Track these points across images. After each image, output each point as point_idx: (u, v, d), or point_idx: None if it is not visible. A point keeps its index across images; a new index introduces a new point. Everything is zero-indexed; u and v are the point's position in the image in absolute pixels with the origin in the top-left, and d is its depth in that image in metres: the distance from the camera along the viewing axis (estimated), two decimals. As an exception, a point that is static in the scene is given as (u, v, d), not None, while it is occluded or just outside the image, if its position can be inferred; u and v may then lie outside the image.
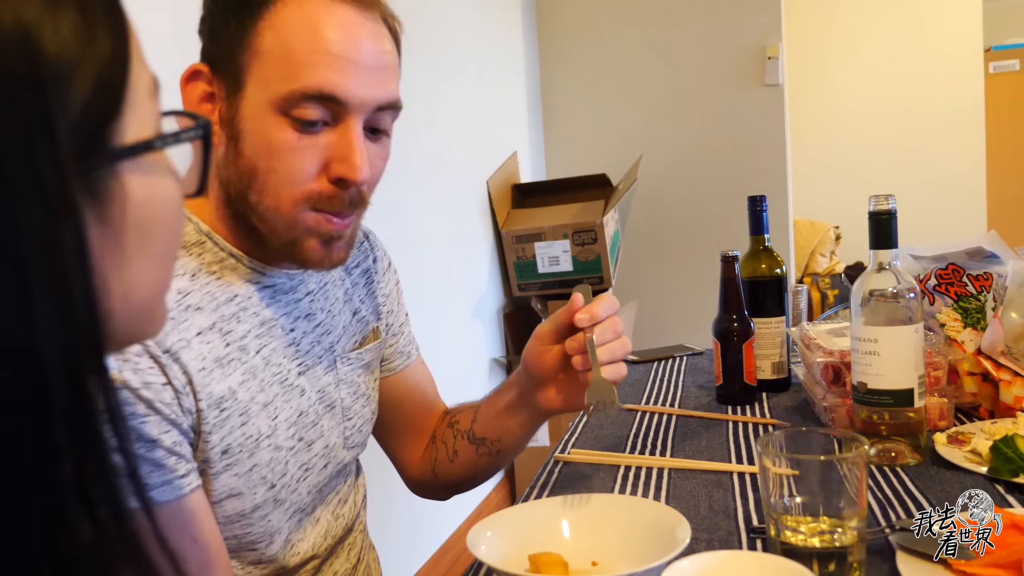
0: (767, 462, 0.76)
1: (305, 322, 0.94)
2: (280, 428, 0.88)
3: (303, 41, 0.79)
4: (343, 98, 0.79)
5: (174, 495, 0.77)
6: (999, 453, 0.95)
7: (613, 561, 0.80)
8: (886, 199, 1.02)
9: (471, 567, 0.87)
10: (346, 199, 0.83)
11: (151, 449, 0.76)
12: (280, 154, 0.80)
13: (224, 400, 0.82)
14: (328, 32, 0.79)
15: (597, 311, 0.94)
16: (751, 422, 1.28)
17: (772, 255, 1.46)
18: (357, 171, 0.81)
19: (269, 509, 0.87)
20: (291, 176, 0.81)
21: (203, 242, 0.86)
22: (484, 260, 3.08)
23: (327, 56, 0.79)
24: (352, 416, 1.00)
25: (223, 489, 0.83)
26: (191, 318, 0.82)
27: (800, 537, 0.74)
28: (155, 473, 0.76)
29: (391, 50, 0.85)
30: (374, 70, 0.82)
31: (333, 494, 1.01)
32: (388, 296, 1.09)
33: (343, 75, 0.79)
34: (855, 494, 0.73)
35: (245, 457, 0.84)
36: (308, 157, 0.81)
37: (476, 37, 3.04)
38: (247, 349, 0.86)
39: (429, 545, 2.49)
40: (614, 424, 1.33)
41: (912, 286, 1.02)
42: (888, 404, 1.01)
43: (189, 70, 0.84)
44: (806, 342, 1.30)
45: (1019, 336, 1.16)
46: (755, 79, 3.41)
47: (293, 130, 0.80)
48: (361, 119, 0.82)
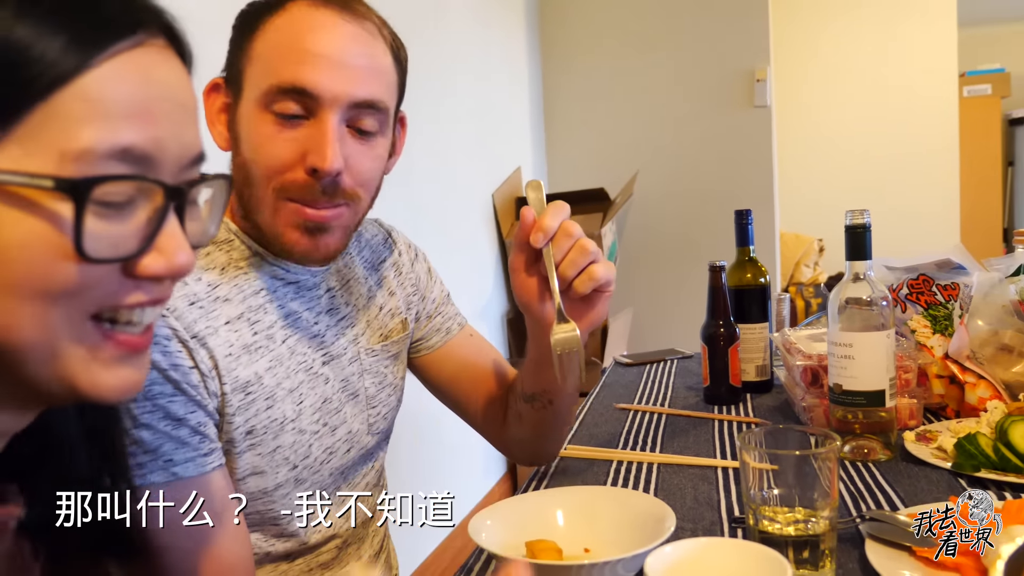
0: (747, 457, 0.77)
1: (328, 316, 0.95)
2: (305, 413, 0.88)
3: (284, 42, 0.81)
4: (315, 92, 0.80)
5: (197, 471, 0.77)
6: (963, 450, 0.96)
7: (604, 548, 0.80)
8: (861, 214, 1.03)
9: (473, 553, 0.88)
10: (318, 188, 0.82)
11: (176, 427, 0.76)
12: (262, 146, 0.81)
13: (250, 384, 0.83)
14: (307, 33, 0.81)
15: (547, 223, 0.86)
16: (736, 421, 1.29)
17: (757, 265, 1.46)
18: (327, 161, 0.80)
19: (290, 488, 0.88)
20: (270, 166, 0.82)
21: (231, 240, 0.87)
22: (489, 268, 3.09)
23: (302, 53, 0.80)
24: (376, 404, 1.00)
25: (246, 467, 0.84)
26: (220, 308, 0.83)
27: (777, 526, 0.74)
28: (180, 450, 0.76)
29: (373, 54, 0.84)
30: (349, 68, 0.82)
31: (360, 478, 1.00)
32: (417, 285, 1.08)
33: (315, 70, 0.80)
34: (828, 486, 0.73)
35: (269, 439, 0.85)
36: (286, 148, 0.81)
37: (482, 59, 3.05)
38: (274, 338, 0.87)
39: (436, 534, 2.50)
40: (608, 422, 1.34)
41: (885, 295, 1.02)
42: (861, 404, 1.02)
43: (209, 84, 0.86)
44: (787, 346, 1.30)
45: (984, 342, 1.17)
46: (744, 101, 3.42)
47: (274, 124, 0.81)
48: (336, 114, 0.81)
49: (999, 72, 5.69)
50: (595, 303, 0.92)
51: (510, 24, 3.37)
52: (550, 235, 0.86)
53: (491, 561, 0.85)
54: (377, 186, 0.90)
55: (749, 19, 3.38)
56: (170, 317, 0.78)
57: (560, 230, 0.87)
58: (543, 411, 1.02)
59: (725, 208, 3.17)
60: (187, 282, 0.81)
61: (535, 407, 1.02)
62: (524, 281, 0.91)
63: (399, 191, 2.21)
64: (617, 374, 1.71)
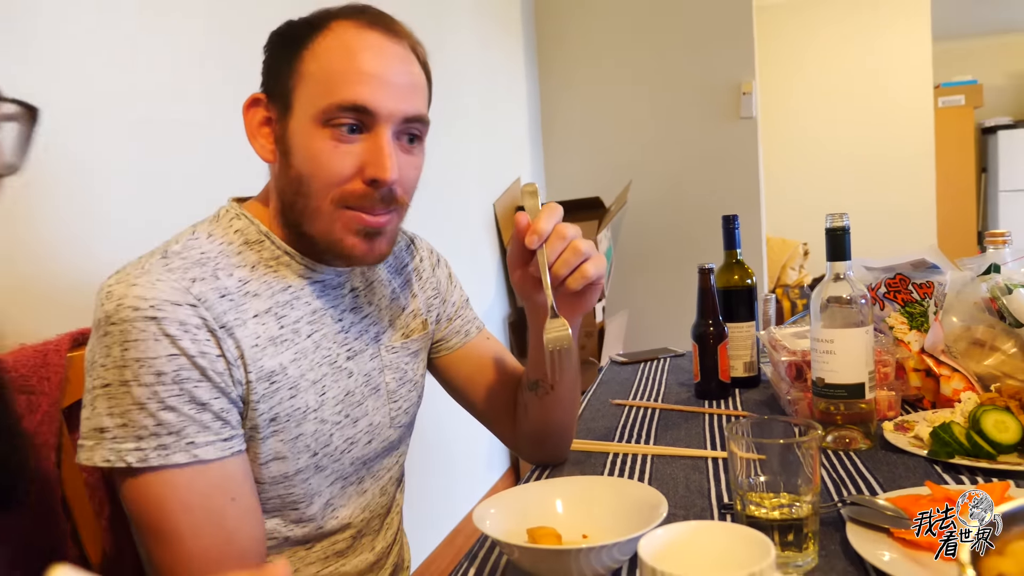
0: (735, 447, 0.77)
1: (352, 314, 0.95)
2: (327, 404, 0.89)
3: (339, 63, 0.82)
4: (373, 109, 0.82)
5: (217, 455, 0.77)
6: (938, 438, 0.97)
7: (602, 534, 0.81)
8: (840, 217, 1.04)
9: (478, 540, 0.88)
10: (376, 197, 0.84)
11: (200, 411, 0.77)
12: (320, 160, 0.83)
13: (275, 374, 0.84)
14: (361, 54, 0.82)
15: (541, 226, 0.87)
16: (725, 414, 1.30)
17: (744, 268, 1.47)
18: (386, 171, 0.82)
19: (310, 474, 0.88)
20: (330, 178, 0.83)
21: (262, 240, 0.88)
22: (491, 274, 3.10)
23: (359, 74, 0.82)
24: (397, 399, 1.00)
25: (269, 452, 0.84)
26: (249, 302, 0.84)
27: (763, 511, 0.75)
28: (202, 433, 0.76)
29: (417, 72, 0.88)
30: (401, 86, 0.84)
31: (384, 471, 1.00)
32: (438, 289, 1.09)
33: (372, 89, 0.82)
34: (810, 473, 0.74)
35: (292, 426, 0.85)
36: (345, 161, 0.83)
37: (483, 78, 3.06)
38: (299, 332, 0.87)
39: (444, 526, 2.50)
40: (605, 417, 1.34)
41: (864, 293, 1.03)
42: (843, 396, 1.03)
43: (249, 99, 0.88)
44: (773, 344, 1.31)
45: (957, 337, 1.17)
46: (731, 113, 3.43)
47: (331, 139, 0.82)
48: (390, 129, 0.84)
49: (972, 84, 5.71)
50: (586, 295, 0.93)
51: (509, 45, 3.38)
52: (544, 237, 0.87)
53: (495, 547, 0.86)
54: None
55: (735, 36, 3.39)
56: (201, 307, 0.78)
57: (554, 232, 0.88)
58: (546, 399, 1.02)
59: (714, 214, 3.17)
60: (219, 276, 0.82)
61: (539, 394, 1.02)
62: (522, 276, 0.93)
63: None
64: (613, 372, 1.71)
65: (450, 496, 2.56)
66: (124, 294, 0.76)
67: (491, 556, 0.84)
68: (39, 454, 0.83)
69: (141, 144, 1.27)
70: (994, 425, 0.94)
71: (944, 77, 5.64)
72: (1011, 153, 5.87)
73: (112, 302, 0.76)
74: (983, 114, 6.06)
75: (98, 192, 1.18)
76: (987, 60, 6.23)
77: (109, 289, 0.77)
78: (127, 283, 0.77)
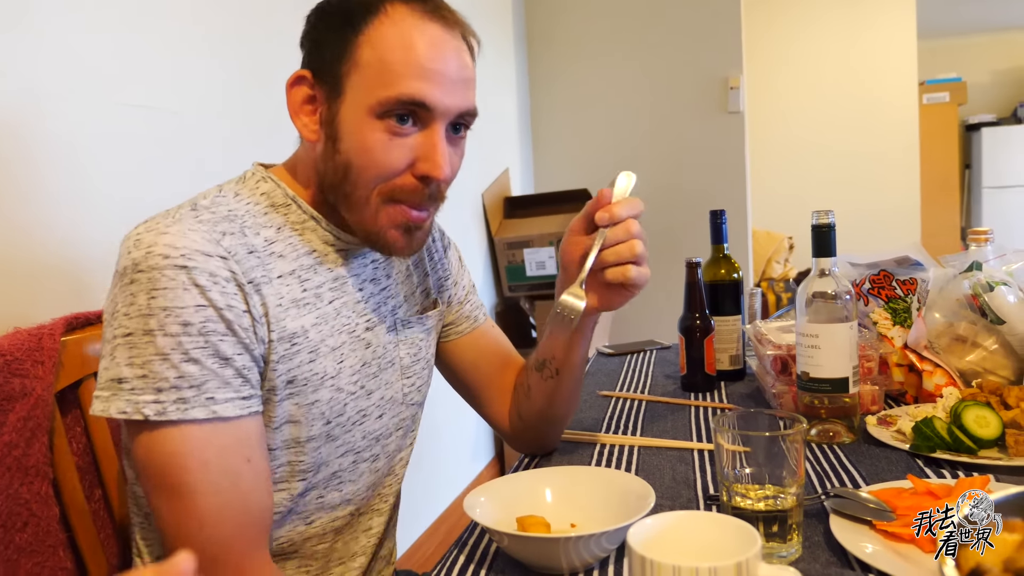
0: (721, 439, 0.78)
1: (371, 285, 0.95)
2: (344, 372, 0.88)
3: (398, 55, 0.80)
4: (431, 104, 0.81)
5: (236, 413, 0.76)
6: (920, 433, 0.98)
7: (590, 523, 0.82)
8: (826, 214, 1.05)
9: (467, 528, 0.89)
10: (426, 193, 0.84)
11: (223, 366, 0.75)
12: (374, 152, 0.82)
13: (296, 336, 0.83)
14: (420, 48, 0.81)
15: (617, 211, 0.89)
16: (710, 407, 1.31)
17: (730, 262, 1.48)
18: (440, 169, 0.82)
19: (321, 443, 0.87)
20: (381, 171, 0.82)
21: (288, 204, 0.88)
22: (479, 264, 3.10)
23: (419, 68, 0.80)
24: (411, 375, 0.99)
25: (283, 415, 0.83)
26: (274, 263, 0.83)
27: (748, 502, 0.76)
28: (222, 389, 0.75)
29: (470, 64, 0.87)
30: (457, 82, 0.83)
31: (395, 450, 1.00)
32: (449, 271, 1.10)
33: (432, 85, 0.81)
34: (795, 465, 0.75)
35: (309, 391, 0.84)
36: (398, 155, 0.82)
37: (474, 68, 3.06)
38: (322, 297, 0.87)
39: (429, 514, 2.52)
40: (592, 408, 1.35)
41: (849, 289, 1.04)
42: (827, 390, 1.04)
43: (294, 76, 0.85)
44: (758, 337, 1.32)
45: (940, 333, 1.19)
46: (719, 107, 3.44)
47: (386, 132, 0.81)
48: (445, 124, 0.84)
49: (956, 81, 5.76)
50: (616, 295, 0.94)
51: (499, 39, 3.38)
52: (614, 221, 0.89)
53: (484, 535, 0.87)
54: None
55: (723, 31, 3.40)
56: (231, 260, 0.77)
57: (623, 224, 0.90)
58: (551, 380, 1.02)
59: (700, 208, 3.20)
60: (246, 234, 0.82)
61: (543, 375, 1.02)
62: (573, 243, 0.94)
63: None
64: (600, 363, 1.73)
65: (435, 484, 2.57)
66: (154, 242, 0.74)
67: (480, 543, 0.85)
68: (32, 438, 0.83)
69: (133, 127, 1.26)
70: (975, 420, 0.95)
71: (929, 74, 5.69)
72: (994, 150, 5.94)
73: (141, 249, 0.74)
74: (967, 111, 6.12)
75: (91, 176, 1.17)
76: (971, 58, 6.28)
77: (138, 237, 0.75)
78: (157, 231, 0.75)
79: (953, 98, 5.71)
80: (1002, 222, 5.81)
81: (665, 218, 3.51)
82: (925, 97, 5.54)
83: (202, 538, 0.74)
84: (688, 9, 3.44)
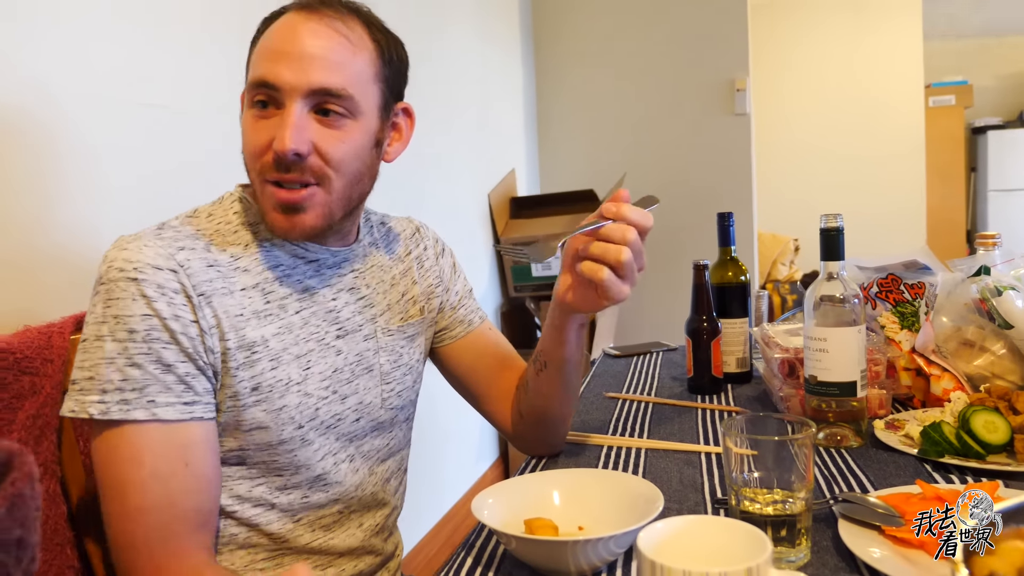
0: (730, 443, 0.78)
1: (348, 294, 0.98)
2: (312, 378, 0.91)
3: (260, 46, 0.88)
4: (275, 83, 0.85)
5: (176, 417, 0.80)
6: (928, 437, 0.98)
7: (597, 526, 0.82)
8: (835, 218, 1.05)
9: (475, 529, 0.89)
10: (284, 168, 0.85)
11: (165, 372, 0.80)
12: (246, 136, 0.88)
13: (256, 345, 0.87)
14: (274, 35, 0.87)
15: (626, 211, 0.87)
16: (717, 409, 1.31)
17: (738, 264, 1.48)
18: (283, 141, 0.83)
19: (296, 445, 0.90)
20: (252, 152, 0.88)
21: (259, 223, 0.92)
22: (485, 264, 3.10)
23: (267, 52, 0.86)
24: (391, 381, 1.01)
25: (252, 421, 0.87)
26: (238, 277, 0.88)
27: (757, 506, 0.76)
28: (163, 394, 0.79)
29: (331, 47, 0.86)
30: (306, 59, 0.84)
31: (375, 452, 1.01)
32: (441, 278, 1.12)
33: (276, 65, 0.85)
34: (804, 470, 0.75)
35: (276, 397, 0.87)
36: (260, 135, 0.86)
37: (480, 69, 3.06)
38: (286, 308, 0.91)
39: (432, 516, 2.52)
40: (599, 410, 1.35)
41: (857, 293, 1.04)
42: (835, 394, 1.04)
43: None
44: (766, 340, 1.32)
45: (948, 337, 1.19)
46: (725, 108, 3.44)
47: (253, 116, 0.87)
48: (296, 102, 0.84)
49: (963, 84, 5.74)
50: (588, 295, 0.93)
51: (507, 39, 3.38)
52: (617, 219, 0.87)
53: (492, 536, 0.87)
54: (359, 168, 0.91)
55: (729, 33, 3.40)
56: (181, 273, 0.82)
57: (623, 227, 0.87)
58: (544, 375, 1.02)
59: (706, 209, 3.20)
60: (211, 250, 0.87)
61: (538, 370, 1.03)
62: (577, 237, 0.92)
63: (401, 191, 2.21)
64: (606, 365, 1.73)
65: (439, 485, 2.57)
66: (115, 257, 0.81)
67: (488, 545, 0.85)
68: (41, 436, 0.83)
69: (141, 125, 1.26)
70: (983, 425, 0.95)
71: (935, 77, 5.67)
72: (1000, 153, 5.91)
73: (104, 264, 0.82)
74: (973, 114, 6.10)
75: (104, 175, 1.18)
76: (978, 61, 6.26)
77: (105, 253, 0.82)
78: (119, 247, 0.82)
79: (959, 101, 5.69)
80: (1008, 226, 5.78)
81: (670, 219, 3.50)
82: (931, 100, 5.52)
83: (126, 533, 0.79)
84: (694, 10, 3.44)
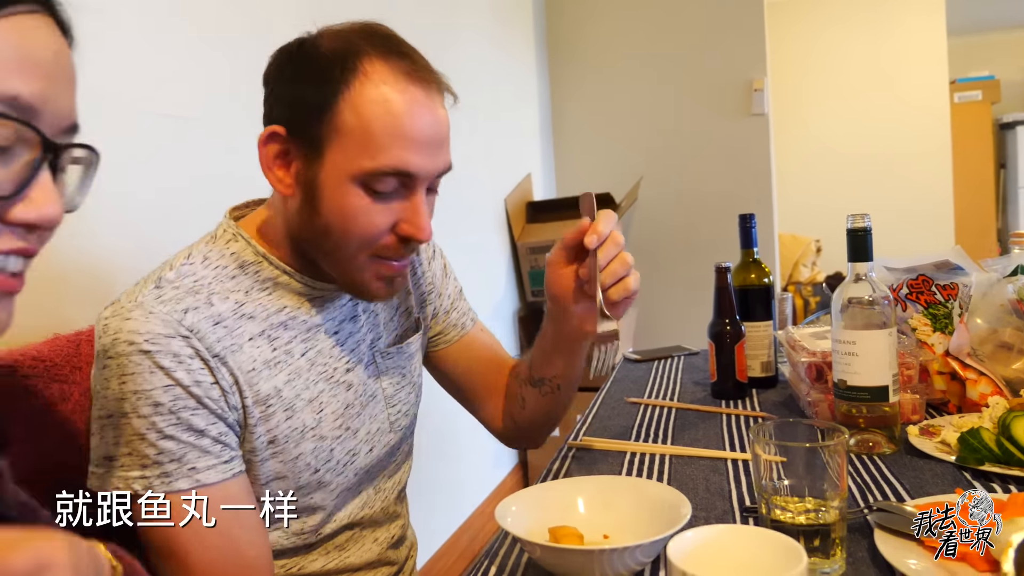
0: (759, 449, 0.77)
1: (351, 324, 0.96)
2: (326, 420, 0.90)
3: (381, 124, 0.81)
4: (415, 173, 0.83)
5: (219, 478, 0.80)
6: (966, 444, 0.96)
7: (623, 534, 0.81)
8: (862, 218, 1.03)
9: (497, 537, 0.88)
10: (407, 251, 0.88)
11: (199, 438, 0.79)
12: (357, 218, 0.84)
13: (270, 398, 0.85)
14: (402, 117, 0.82)
15: (602, 228, 0.90)
16: (742, 415, 1.29)
17: (760, 266, 1.46)
18: (423, 232, 0.85)
19: (313, 489, 0.90)
20: (365, 236, 0.85)
21: (260, 262, 0.89)
22: (502, 269, 3.09)
23: (402, 139, 0.82)
24: (396, 403, 1.01)
25: (269, 473, 0.86)
26: (244, 325, 0.85)
27: (788, 515, 0.74)
28: (203, 458, 0.79)
29: (446, 119, 0.88)
30: (436, 144, 0.85)
31: (383, 472, 1.02)
32: (434, 283, 1.11)
33: (414, 154, 0.83)
34: (837, 478, 0.73)
35: (291, 447, 0.87)
36: (381, 219, 0.84)
37: (495, 74, 3.06)
38: (292, 352, 0.89)
39: (450, 525, 2.51)
40: (620, 415, 1.34)
41: (886, 294, 1.02)
42: (866, 399, 1.02)
43: (267, 132, 0.85)
44: (792, 344, 1.30)
45: (983, 339, 1.16)
46: (743, 109, 3.41)
47: (368, 198, 0.83)
48: (425, 186, 0.86)
49: (989, 79, 5.67)
50: (619, 308, 0.95)
51: (520, 44, 3.38)
52: (603, 239, 0.90)
53: (515, 544, 0.86)
54: None
55: (747, 32, 3.38)
56: (193, 338, 0.80)
57: (609, 238, 0.91)
58: (550, 396, 1.06)
59: (726, 211, 3.18)
60: (213, 303, 0.83)
61: (542, 392, 1.05)
62: (560, 275, 0.97)
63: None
64: (627, 369, 1.71)
65: (457, 492, 2.56)
66: (119, 328, 0.78)
67: (512, 554, 0.84)
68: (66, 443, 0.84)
69: (158, 134, 1.27)
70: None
71: (960, 72, 5.60)
72: (1029, 149, 5.83)
73: (108, 336, 0.78)
74: (1001, 109, 6.01)
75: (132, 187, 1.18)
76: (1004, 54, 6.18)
77: (105, 322, 0.79)
78: (121, 316, 0.79)
79: (986, 96, 5.62)
80: (1038, 224, 5.71)
81: (689, 221, 3.49)
82: (956, 96, 5.46)
83: None
84: (710, 10, 3.42)
